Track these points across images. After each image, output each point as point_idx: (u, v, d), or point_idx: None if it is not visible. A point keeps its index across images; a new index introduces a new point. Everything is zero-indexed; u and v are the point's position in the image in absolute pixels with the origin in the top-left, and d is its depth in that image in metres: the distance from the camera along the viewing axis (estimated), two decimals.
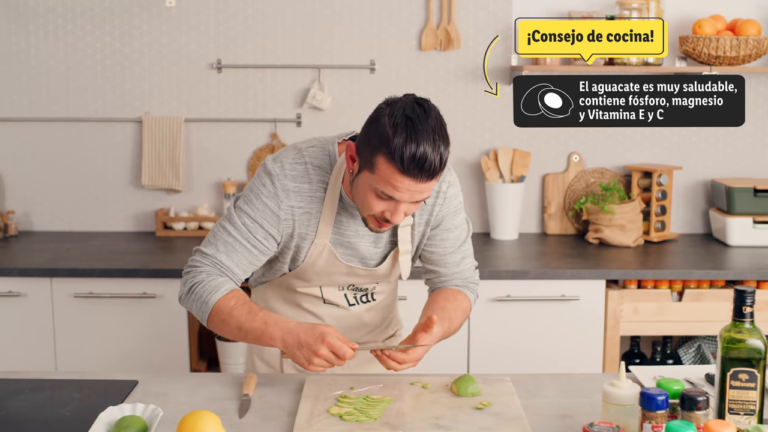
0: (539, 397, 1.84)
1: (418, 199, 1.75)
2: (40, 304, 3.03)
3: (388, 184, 1.72)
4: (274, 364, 2.14)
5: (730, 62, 3.33)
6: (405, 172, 1.68)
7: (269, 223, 1.87)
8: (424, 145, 1.67)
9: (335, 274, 1.98)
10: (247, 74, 3.58)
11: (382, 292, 2.09)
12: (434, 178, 1.72)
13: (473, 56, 3.56)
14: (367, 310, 2.08)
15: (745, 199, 3.38)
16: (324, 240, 1.92)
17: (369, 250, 1.97)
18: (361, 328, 2.10)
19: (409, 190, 1.72)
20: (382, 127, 1.70)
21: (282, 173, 1.88)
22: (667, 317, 3.05)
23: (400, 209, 1.76)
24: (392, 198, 1.74)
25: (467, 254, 2.07)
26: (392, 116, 1.70)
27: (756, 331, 1.53)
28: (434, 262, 2.05)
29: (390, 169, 1.70)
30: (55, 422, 1.68)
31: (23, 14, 3.54)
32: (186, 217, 3.57)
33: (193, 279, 1.88)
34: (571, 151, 3.63)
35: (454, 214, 2.01)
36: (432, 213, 1.97)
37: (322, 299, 2.04)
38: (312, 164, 1.89)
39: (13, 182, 3.65)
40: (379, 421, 1.68)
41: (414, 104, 1.72)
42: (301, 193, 1.88)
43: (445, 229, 2.00)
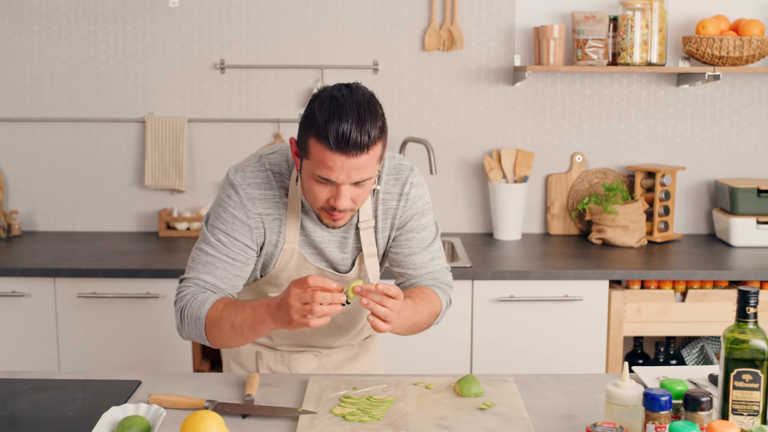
0: (542, 397, 1.83)
1: (356, 179, 1.73)
2: (43, 304, 3.04)
3: (322, 165, 1.71)
4: (249, 366, 2.14)
5: (734, 62, 3.32)
6: (332, 148, 1.68)
7: (242, 234, 1.88)
8: (349, 119, 1.68)
9: None
10: (251, 74, 3.58)
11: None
12: (364, 151, 1.70)
13: (476, 57, 3.56)
14: (340, 314, 2.06)
15: (748, 199, 3.37)
16: (292, 245, 1.92)
17: (336, 255, 1.96)
18: (335, 332, 2.10)
19: (343, 168, 1.71)
20: (311, 111, 1.73)
21: (245, 182, 1.88)
22: (671, 318, 3.05)
23: (342, 192, 1.75)
24: (330, 180, 1.73)
25: (436, 255, 2.02)
26: (318, 99, 1.73)
27: (760, 331, 1.53)
28: (400, 264, 2.00)
29: (320, 149, 1.70)
30: (59, 422, 1.69)
31: (27, 14, 3.55)
32: (189, 217, 3.57)
33: (181, 304, 1.88)
34: (574, 151, 3.63)
35: (420, 215, 1.98)
36: (395, 216, 1.96)
37: None
38: (272, 171, 1.90)
39: (17, 182, 3.65)
40: (382, 422, 1.68)
41: (341, 86, 1.75)
42: (266, 199, 1.89)
43: (410, 230, 1.98)
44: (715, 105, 3.60)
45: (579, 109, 3.60)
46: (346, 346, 2.17)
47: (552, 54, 3.36)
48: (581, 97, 3.59)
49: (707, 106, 3.60)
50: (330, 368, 2.14)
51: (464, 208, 3.65)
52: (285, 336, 2.09)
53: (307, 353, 2.13)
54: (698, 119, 3.61)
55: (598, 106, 3.60)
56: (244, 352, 2.14)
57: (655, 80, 3.59)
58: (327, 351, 2.15)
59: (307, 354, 2.13)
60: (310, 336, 2.09)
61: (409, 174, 1.96)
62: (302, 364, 2.12)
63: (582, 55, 3.36)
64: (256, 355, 2.13)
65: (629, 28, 3.33)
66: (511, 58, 3.56)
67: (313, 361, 2.13)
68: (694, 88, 3.59)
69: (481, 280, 3.00)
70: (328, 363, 2.15)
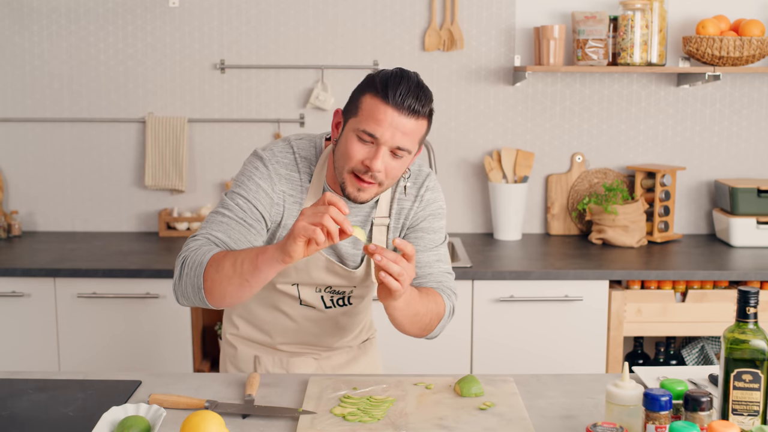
0: (542, 397, 1.83)
1: (398, 144, 1.74)
2: (43, 304, 3.04)
3: (372, 119, 1.74)
4: (247, 370, 2.14)
5: (734, 62, 3.32)
6: (389, 101, 1.72)
7: (262, 204, 1.85)
8: (408, 81, 1.74)
9: (314, 269, 1.96)
10: (251, 75, 3.58)
11: (359, 296, 2.07)
12: (415, 116, 1.74)
13: (476, 57, 3.56)
14: (342, 314, 2.07)
15: (748, 199, 3.37)
16: None
17: (347, 250, 1.96)
18: (336, 332, 2.10)
19: (391, 126, 1.73)
20: (369, 78, 1.79)
21: (273, 159, 1.90)
22: (671, 318, 3.05)
23: (380, 153, 1.75)
24: (374, 137, 1.74)
25: (442, 259, 2.00)
26: (379, 71, 1.79)
27: (760, 331, 1.53)
28: None
29: (374, 102, 1.74)
30: (59, 422, 1.69)
31: (27, 14, 3.55)
32: (189, 217, 3.57)
33: (184, 254, 1.77)
34: (574, 151, 3.63)
35: (432, 217, 1.99)
36: (408, 216, 1.98)
37: (299, 300, 2.03)
38: (300, 155, 1.92)
39: (17, 182, 3.65)
40: (382, 422, 1.68)
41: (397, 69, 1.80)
42: (291, 180, 1.90)
43: (421, 230, 1.98)
44: (715, 105, 3.60)
45: (579, 109, 3.60)
46: (344, 348, 2.17)
47: (552, 54, 3.36)
48: (581, 97, 3.59)
49: (707, 106, 3.60)
50: (329, 371, 2.14)
51: (464, 208, 3.66)
52: (285, 333, 2.09)
53: (306, 356, 2.13)
54: (698, 119, 3.61)
55: (598, 106, 3.60)
56: (242, 356, 2.13)
57: (655, 80, 3.59)
58: (326, 353, 2.14)
59: (306, 357, 2.13)
60: (312, 335, 2.09)
61: (426, 178, 2.00)
62: (301, 368, 2.12)
63: (582, 55, 3.36)
64: (254, 359, 2.12)
65: (629, 28, 3.33)
66: (511, 58, 3.56)
67: (312, 364, 2.13)
68: (694, 89, 3.59)
69: (481, 280, 3.00)
70: (327, 366, 2.15)
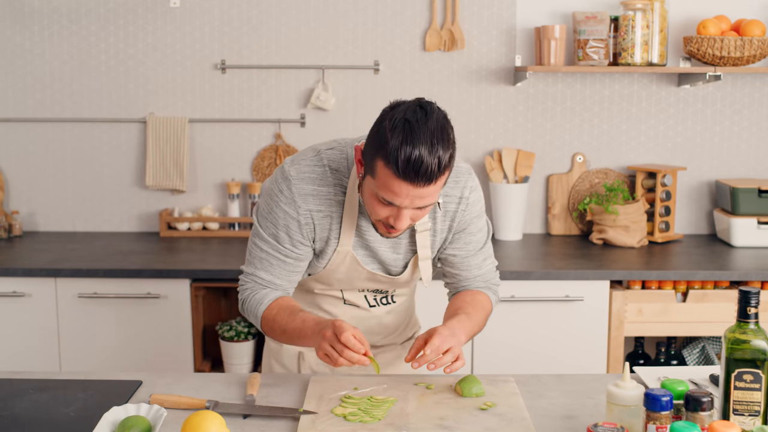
0: (543, 397, 1.83)
1: (419, 205, 1.71)
2: (44, 304, 3.04)
3: (388, 189, 1.68)
4: (291, 366, 2.13)
5: (735, 63, 3.32)
6: (401, 176, 1.64)
7: (293, 230, 1.87)
8: (421, 148, 1.62)
9: (356, 280, 1.98)
10: (251, 75, 3.58)
11: (403, 294, 2.08)
12: (432, 182, 1.67)
13: (477, 57, 3.56)
14: (387, 312, 2.07)
15: (749, 199, 3.37)
16: (347, 247, 1.90)
17: (389, 256, 1.95)
18: (381, 331, 2.10)
19: (408, 196, 1.68)
20: (382, 131, 1.67)
21: (299, 176, 1.85)
22: (672, 318, 3.05)
23: (403, 215, 1.73)
24: (393, 204, 1.71)
25: (488, 255, 2.04)
26: (392, 120, 1.66)
27: (761, 332, 1.53)
28: (455, 266, 2.00)
29: (387, 174, 1.66)
30: (60, 422, 1.69)
31: (28, 15, 3.55)
32: (190, 217, 3.57)
33: (242, 297, 1.96)
34: (575, 151, 3.63)
35: (477, 218, 1.98)
36: (455, 219, 1.94)
37: (343, 300, 2.04)
38: (330, 167, 1.86)
39: (18, 182, 3.65)
40: (383, 422, 1.67)
41: (416, 107, 1.68)
42: (319, 196, 1.86)
43: (469, 233, 1.97)
44: (716, 105, 3.60)
45: (580, 110, 3.60)
46: (389, 346, 2.16)
47: (553, 54, 3.36)
48: (582, 97, 3.59)
49: (708, 106, 3.60)
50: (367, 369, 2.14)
51: None
52: None
53: None
54: (699, 119, 3.61)
55: (599, 107, 3.60)
56: (287, 353, 2.13)
57: (656, 80, 3.59)
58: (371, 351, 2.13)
59: None
60: None
61: (467, 178, 1.94)
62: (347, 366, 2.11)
63: (583, 55, 3.36)
64: (298, 356, 2.12)
65: (630, 28, 3.33)
66: (512, 58, 3.56)
67: None
68: (695, 89, 3.59)
69: None
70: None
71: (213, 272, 3.01)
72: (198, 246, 3.39)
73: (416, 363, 1.75)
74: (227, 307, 3.46)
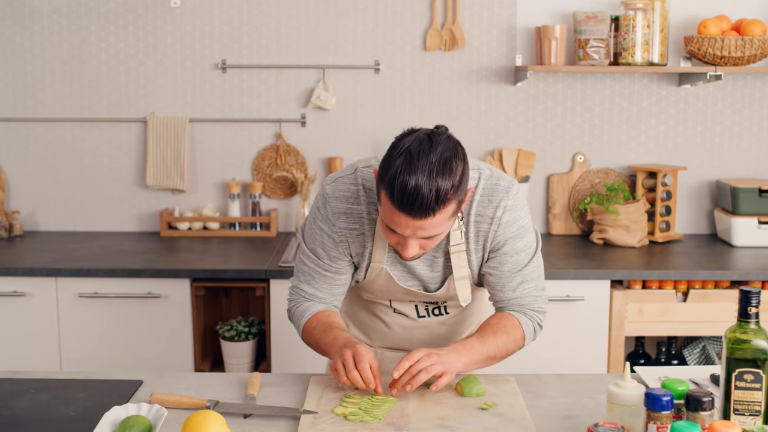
0: (544, 397, 1.83)
1: (422, 236, 1.70)
2: (45, 303, 3.04)
3: (390, 219, 1.69)
4: None
5: (735, 62, 3.32)
6: (398, 208, 1.64)
7: (330, 247, 1.91)
8: (418, 179, 1.60)
9: (396, 293, 1.98)
10: (252, 74, 3.58)
11: (457, 306, 2.04)
12: (431, 215, 1.64)
13: (478, 56, 3.56)
14: (439, 324, 2.06)
15: (750, 199, 3.37)
16: (380, 264, 1.91)
17: (426, 274, 1.94)
18: (433, 341, 2.08)
19: (408, 227, 1.67)
20: (388, 159, 1.67)
21: (334, 195, 1.87)
22: (672, 318, 3.05)
23: (410, 244, 1.72)
24: (396, 233, 1.71)
25: (528, 279, 1.94)
26: (399, 148, 1.66)
27: (761, 331, 1.53)
28: (490, 285, 1.96)
29: (388, 204, 1.67)
30: (60, 422, 1.69)
31: (28, 14, 3.55)
32: (190, 217, 3.57)
33: (288, 307, 2.04)
34: (575, 151, 3.63)
35: (515, 239, 1.89)
36: (487, 239, 1.89)
37: (393, 309, 2.05)
38: (364, 186, 1.86)
39: (18, 182, 3.65)
40: (383, 422, 1.67)
41: (424, 137, 1.67)
42: (352, 214, 1.87)
43: (504, 254, 1.90)
44: (717, 105, 3.60)
45: (580, 109, 3.60)
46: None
47: (553, 54, 3.36)
48: (583, 97, 3.59)
49: (709, 106, 3.60)
50: None
51: None
52: (381, 337, 2.11)
53: (402, 353, 2.11)
54: (700, 119, 3.61)
55: (600, 106, 3.60)
56: None
57: (656, 80, 3.58)
58: None
59: (401, 353, 2.10)
60: (406, 341, 2.08)
61: (503, 197, 1.86)
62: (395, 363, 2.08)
63: (583, 55, 3.36)
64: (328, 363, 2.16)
65: (631, 28, 3.33)
66: (512, 58, 3.56)
67: None
68: (695, 88, 3.59)
69: None
70: None
71: (213, 272, 3.01)
72: (198, 246, 3.39)
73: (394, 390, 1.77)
74: (227, 307, 3.46)
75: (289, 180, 3.62)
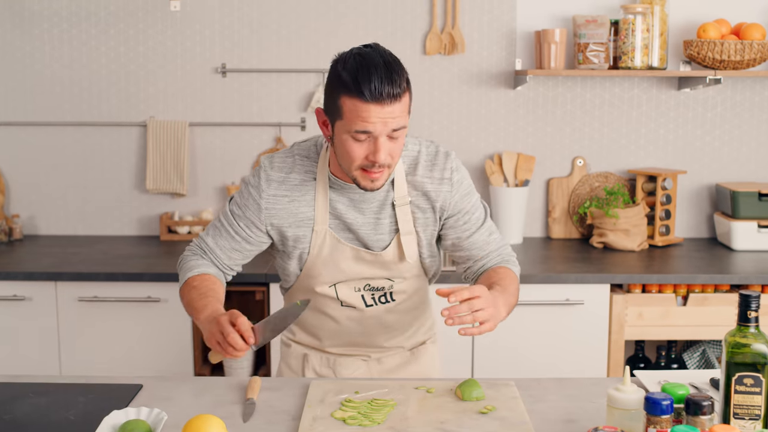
0: (544, 401, 1.83)
1: (393, 127, 1.76)
2: (44, 307, 3.04)
3: (358, 119, 1.74)
4: (296, 368, 2.17)
5: (735, 66, 3.33)
6: (367, 99, 1.72)
7: (251, 212, 1.96)
8: (378, 71, 1.73)
9: (342, 261, 1.97)
10: (252, 78, 3.59)
11: (403, 292, 2.05)
12: (398, 99, 1.75)
13: (477, 61, 3.56)
14: (386, 311, 2.06)
15: (749, 203, 3.37)
16: (323, 226, 1.95)
17: (370, 237, 1.96)
18: (382, 332, 2.09)
19: (379, 118, 1.74)
20: (337, 73, 1.77)
21: (269, 165, 1.97)
22: (672, 321, 3.05)
23: (380, 144, 1.77)
24: (367, 132, 1.75)
25: (492, 230, 2.05)
26: (343, 61, 1.78)
27: (761, 335, 1.53)
28: (463, 247, 2.01)
29: (354, 104, 1.74)
30: (60, 426, 1.69)
31: (28, 19, 3.55)
32: (190, 221, 3.57)
33: (181, 256, 2.07)
34: (575, 155, 3.63)
35: (468, 195, 2.00)
36: (438, 202, 1.96)
37: (339, 302, 2.04)
38: (300, 155, 1.97)
39: (18, 186, 3.66)
40: (383, 426, 1.68)
41: (361, 47, 1.80)
42: (286, 182, 1.94)
43: (466, 212, 1.99)
44: (717, 109, 3.60)
45: (580, 113, 3.60)
46: (396, 350, 2.15)
47: (553, 58, 3.37)
48: (582, 100, 3.59)
49: (708, 109, 3.61)
50: (377, 374, 2.13)
51: None
52: (331, 335, 2.10)
53: (354, 358, 2.12)
54: (699, 123, 3.62)
55: (600, 110, 3.60)
56: (293, 354, 2.18)
57: (656, 84, 3.59)
58: (377, 355, 2.13)
59: (354, 359, 2.12)
60: (357, 334, 2.09)
61: (446, 159, 1.97)
62: (349, 369, 2.12)
63: (583, 59, 3.36)
64: (303, 357, 2.16)
65: (630, 32, 3.33)
66: (512, 61, 3.56)
67: (360, 366, 2.13)
68: (695, 92, 3.59)
69: None
70: (376, 369, 2.14)
71: None
72: None
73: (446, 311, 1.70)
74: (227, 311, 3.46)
75: None
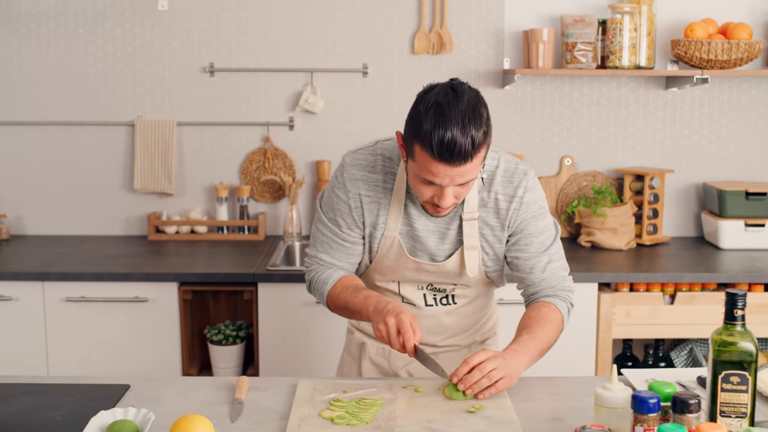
0: (531, 400, 1.84)
1: (459, 182, 1.78)
2: (31, 308, 3.03)
3: (427, 170, 1.76)
4: (355, 355, 2.22)
5: (722, 66, 3.34)
6: (437, 158, 1.72)
7: (346, 214, 1.98)
8: (453, 129, 1.70)
9: (405, 270, 2.01)
10: (240, 78, 3.58)
11: (464, 296, 2.07)
12: (468, 161, 1.74)
13: (465, 60, 3.56)
14: (446, 313, 2.08)
15: (737, 202, 3.39)
16: (393, 233, 1.97)
17: (436, 246, 1.98)
18: (440, 331, 2.10)
19: (447, 175, 1.75)
20: (417, 115, 1.76)
21: (352, 163, 1.97)
22: (660, 320, 3.06)
23: (446, 193, 1.80)
24: (434, 183, 1.78)
25: (554, 258, 2.01)
26: (425, 103, 1.75)
27: (747, 334, 1.53)
28: (520, 269, 2.02)
29: (425, 157, 1.74)
30: (47, 427, 1.68)
31: (15, 18, 3.54)
32: (178, 221, 3.56)
33: (308, 278, 2.08)
34: (563, 154, 3.64)
35: (536, 218, 1.98)
36: (508, 218, 1.96)
37: (400, 297, 2.06)
38: (383, 155, 1.96)
39: (5, 186, 3.64)
40: (370, 425, 1.67)
41: (447, 89, 1.76)
42: (368, 182, 1.95)
43: (529, 234, 1.98)
44: (704, 108, 3.62)
45: (568, 112, 3.61)
46: (451, 347, 2.15)
47: (541, 57, 3.37)
48: (570, 100, 3.60)
49: (696, 109, 3.62)
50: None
51: None
52: None
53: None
54: (687, 122, 3.63)
55: (587, 110, 3.61)
56: (354, 341, 2.22)
57: (643, 83, 3.60)
58: (430, 350, 2.13)
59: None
60: None
61: (522, 178, 1.96)
62: (403, 360, 2.14)
63: (571, 58, 3.37)
64: (360, 346, 2.20)
65: (618, 31, 3.34)
66: (500, 61, 3.57)
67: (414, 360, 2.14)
68: (682, 92, 3.61)
69: None
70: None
71: (201, 276, 3.00)
72: (186, 249, 3.38)
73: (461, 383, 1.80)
74: (215, 311, 3.45)
75: (277, 183, 3.61)
